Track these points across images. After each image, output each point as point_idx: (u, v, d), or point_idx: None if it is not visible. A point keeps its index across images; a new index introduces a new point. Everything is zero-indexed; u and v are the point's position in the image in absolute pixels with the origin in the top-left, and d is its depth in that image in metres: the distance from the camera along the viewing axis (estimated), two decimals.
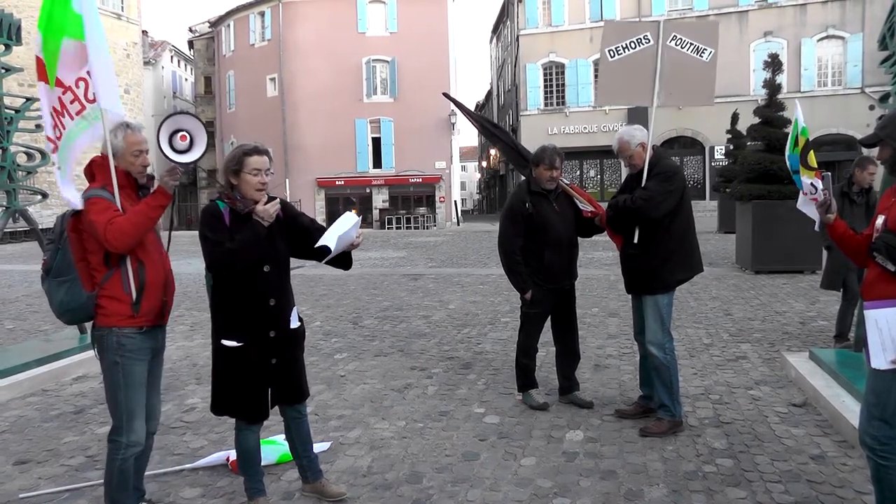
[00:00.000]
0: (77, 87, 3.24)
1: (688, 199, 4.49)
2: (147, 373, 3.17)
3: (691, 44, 4.79)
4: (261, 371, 3.26)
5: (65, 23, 3.18)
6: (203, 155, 3.17)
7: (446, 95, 6.88)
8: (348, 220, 3.37)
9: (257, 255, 3.15)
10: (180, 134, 3.10)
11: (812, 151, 4.86)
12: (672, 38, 4.77)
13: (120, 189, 3.08)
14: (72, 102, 3.25)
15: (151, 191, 3.13)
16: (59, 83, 3.21)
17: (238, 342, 3.21)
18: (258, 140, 3.48)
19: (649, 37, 4.79)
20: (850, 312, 6.30)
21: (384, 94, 35.73)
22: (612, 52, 4.84)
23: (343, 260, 3.47)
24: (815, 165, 4.70)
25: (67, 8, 3.18)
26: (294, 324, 3.40)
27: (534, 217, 4.76)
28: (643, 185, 4.42)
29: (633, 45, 4.81)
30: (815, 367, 5.38)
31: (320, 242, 3.23)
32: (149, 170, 3.23)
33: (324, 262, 3.35)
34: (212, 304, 3.31)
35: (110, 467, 3.12)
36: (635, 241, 4.45)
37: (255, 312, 3.22)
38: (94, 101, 3.22)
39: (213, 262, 3.15)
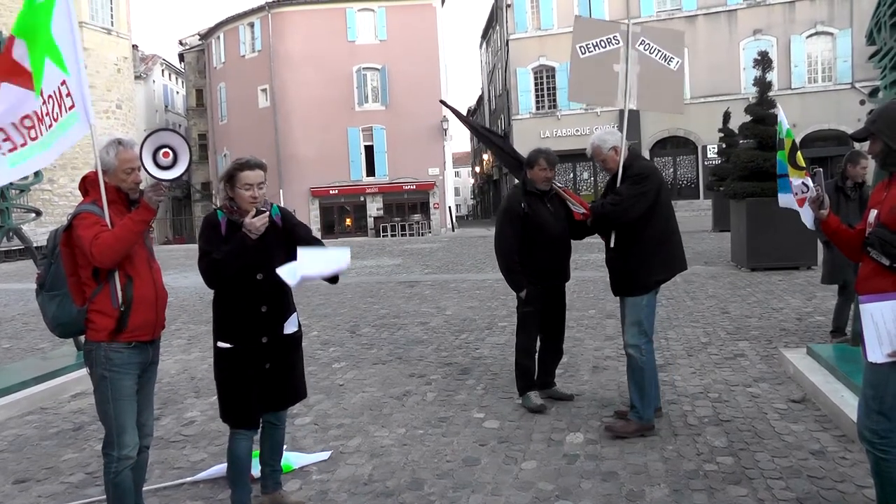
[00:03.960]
0: (57, 95, 3.26)
1: (665, 198, 4.47)
2: (137, 387, 3.17)
3: (659, 51, 4.81)
4: (254, 374, 3.29)
5: (48, 45, 3.20)
6: (185, 171, 3.20)
7: (443, 103, 6.92)
8: (337, 257, 3.27)
9: (243, 265, 3.18)
10: (163, 150, 3.12)
11: (799, 152, 4.90)
12: (640, 43, 4.79)
13: (110, 204, 3.10)
14: (53, 109, 3.25)
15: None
16: (42, 96, 3.21)
17: (231, 344, 3.29)
18: (251, 151, 3.50)
19: (618, 38, 4.80)
20: (847, 307, 6.31)
21: (376, 101, 35.72)
22: (582, 49, 4.84)
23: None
24: (804, 165, 4.73)
25: (48, 32, 3.18)
26: (289, 329, 3.41)
27: (530, 217, 4.82)
28: (616, 188, 4.46)
29: (602, 44, 4.81)
30: (813, 363, 5.40)
31: (284, 269, 3.10)
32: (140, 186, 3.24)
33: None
34: (213, 308, 3.39)
35: (106, 481, 3.15)
36: (612, 245, 4.48)
37: (247, 318, 3.27)
38: (72, 107, 3.25)
39: (201, 270, 3.25)
